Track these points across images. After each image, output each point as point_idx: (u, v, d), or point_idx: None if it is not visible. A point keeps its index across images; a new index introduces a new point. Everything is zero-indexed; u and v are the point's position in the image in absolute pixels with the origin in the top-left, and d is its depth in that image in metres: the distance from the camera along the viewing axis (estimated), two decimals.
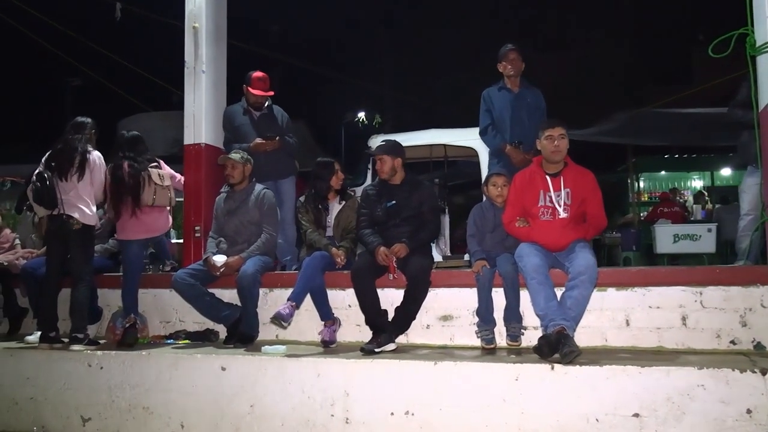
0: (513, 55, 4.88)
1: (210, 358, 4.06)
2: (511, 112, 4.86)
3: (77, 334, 4.39)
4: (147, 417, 4.13)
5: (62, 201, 4.43)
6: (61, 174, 4.48)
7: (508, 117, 4.86)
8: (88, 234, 4.51)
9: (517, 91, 4.92)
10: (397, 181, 4.36)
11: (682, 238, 9.23)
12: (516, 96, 4.91)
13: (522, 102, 4.89)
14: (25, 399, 4.45)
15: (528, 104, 4.89)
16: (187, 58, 5.26)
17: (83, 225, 4.45)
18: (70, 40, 13.26)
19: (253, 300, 4.37)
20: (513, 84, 4.92)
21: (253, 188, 4.69)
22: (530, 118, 4.83)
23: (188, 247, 5.19)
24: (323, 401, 3.76)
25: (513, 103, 4.89)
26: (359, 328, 4.46)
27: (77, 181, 4.51)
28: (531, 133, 4.75)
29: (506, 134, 4.84)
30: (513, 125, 4.84)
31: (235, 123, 5.26)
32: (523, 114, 4.85)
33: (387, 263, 4.13)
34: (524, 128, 4.80)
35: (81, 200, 4.48)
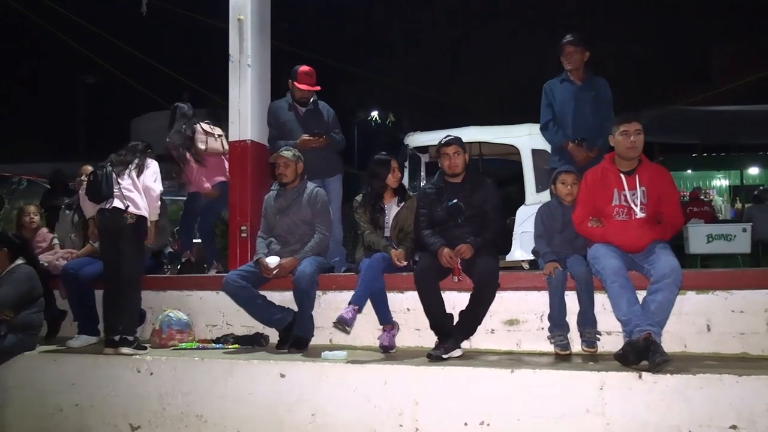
0: (569, 48, 4.66)
1: (268, 365, 3.89)
2: (574, 107, 4.64)
3: (127, 336, 4.21)
4: (201, 425, 3.95)
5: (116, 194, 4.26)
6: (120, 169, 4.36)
7: (570, 112, 4.64)
8: (141, 230, 4.34)
9: (580, 84, 4.69)
10: (458, 179, 4.17)
11: (716, 239, 9.03)
12: (579, 88, 4.68)
13: (585, 95, 4.66)
14: (69, 405, 4.28)
15: (592, 97, 4.65)
16: (231, 52, 5.07)
17: (136, 219, 4.28)
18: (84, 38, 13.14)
19: (310, 302, 4.19)
20: (575, 76, 4.70)
21: (305, 186, 4.50)
22: (594, 112, 4.61)
23: (234, 248, 5.01)
24: (390, 410, 3.58)
25: (576, 96, 4.66)
26: (419, 332, 4.28)
27: (136, 176, 4.39)
28: (594, 129, 4.59)
29: (568, 130, 4.63)
30: (575, 120, 4.63)
31: (280, 119, 5.08)
32: (586, 108, 4.63)
33: (451, 265, 3.94)
34: (587, 123, 4.58)
35: (135, 194, 4.31)
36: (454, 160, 4.11)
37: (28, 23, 13.04)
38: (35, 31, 13.92)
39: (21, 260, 4.52)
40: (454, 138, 4.16)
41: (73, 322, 4.91)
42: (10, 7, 11.58)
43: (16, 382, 4.43)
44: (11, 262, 4.50)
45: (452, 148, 4.11)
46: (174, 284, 4.91)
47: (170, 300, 4.86)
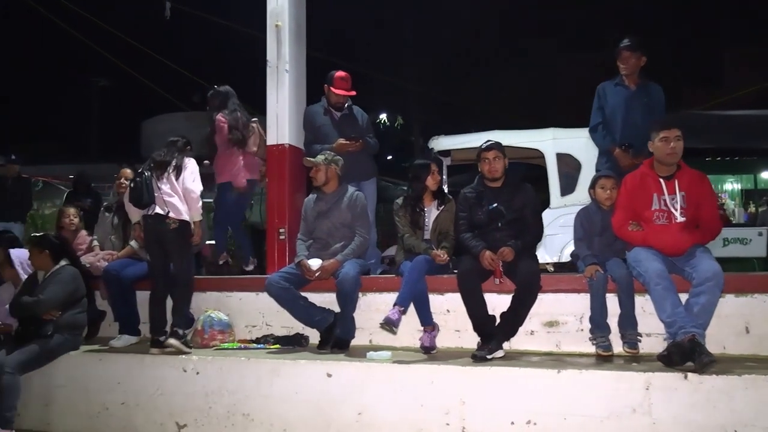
0: (626, 53, 4.70)
1: (315, 364, 3.97)
2: (624, 112, 4.68)
3: (177, 329, 4.30)
4: (247, 424, 4.03)
5: (158, 199, 4.33)
6: (159, 172, 4.40)
7: (620, 117, 4.69)
8: (186, 232, 4.42)
9: (634, 89, 4.73)
10: (498, 184, 4.26)
11: (731, 242, 9.07)
12: (632, 94, 4.71)
13: (638, 101, 4.70)
14: (115, 404, 4.36)
15: (644, 104, 4.68)
16: (269, 57, 5.16)
17: (179, 223, 4.35)
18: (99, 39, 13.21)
19: (353, 304, 4.27)
20: (630, 81, 4.74)
21: (345, 190, 4.59)
22: (645, 118, 4.58)
23: (272, 250, 5.09)
24: (437, 410, 3.66)
25: (627, 102, 4.70)
26: (459, 333, 4.36)
27: (175, 179, 4.43)
28: (644, 135, 4.64)
29: (616, 135, 4.68)
30: (624, 126, 4.67)
31: (315, 123, 5.16)
32: (637, 114, 4.66)
33: (493, 267, 4.03)
34: (637, 130, 4.55)
35: (175, 199, 4.38)
36: (494, 164, 4.19)
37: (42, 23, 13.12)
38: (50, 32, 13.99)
39: (65, 261, 4.61)
40: (494, 143, 4.25)
41: (114, 322, 4.99)
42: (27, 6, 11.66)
43: (61, 381, 4.52)
44: (55, 263, 4.58)
45: (492, 152, 4.20)
46: (214, 285, 4.99)
47: (210, 301, 4.94)
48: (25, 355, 4.29)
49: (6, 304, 4.78)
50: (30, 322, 4.40)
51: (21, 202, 8.24)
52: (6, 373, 4.17)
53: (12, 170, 8.20)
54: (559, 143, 6.82)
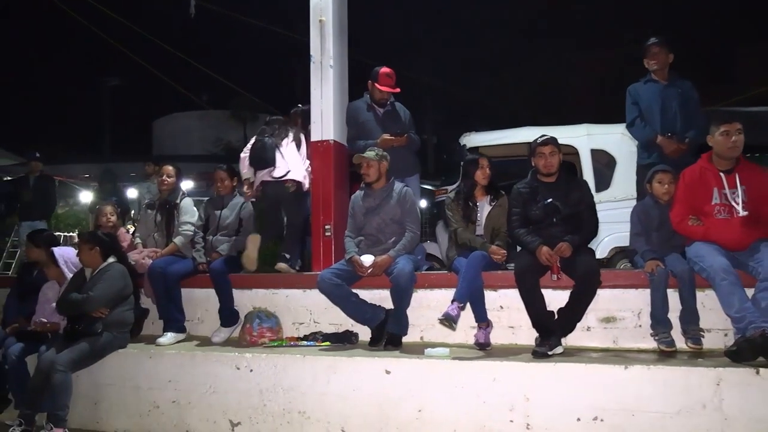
0: (655, 49, 4.75)
1: (373, 361, 3.94)
2: (661, 103, 4.71)
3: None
4: (303, 422, 4.01)
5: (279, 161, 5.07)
6: (279, 140, 5.16)
7: (658, 108, 4.71)
8: (300, 196, 5.11)
9: (665, 83, 4.77)
10: (552, 179, 4.22)
11: None
12: (665, 87, 4.76)
13: (672, 92, 4.74)
14: (166, 402, 4.33)
15: (680, 94, 4.73)
16: (313, 53, 5.12)
17: (296, 186, 5.03)
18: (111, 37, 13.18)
19: (408, 300, 4.25)
20: (660, 76, 4.78)
21: (393, 185, 4.56)
22: (681, 108, 4.68)
23: (317, 247, 5.07)
24: (500, 406, 3.63)
25: (662, 94, 4.73)
26: (513, 330, 4.33)
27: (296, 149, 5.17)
28: (682, 124, 4.67)
29: (656, 125, 4.70)
30: (663, 116, 4.70)
31: (359, 119, 5.14)
32: (673, 104, 4.70)
33: (550, 263, 3.99)
34: (675, 119, 4.65)
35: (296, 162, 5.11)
36: (549, 159, 4.16)
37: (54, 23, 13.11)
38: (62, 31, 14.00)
39: (113, 258, 4.58)
40: (549, 138, 4.21)
41: (158, 320, 4.96)
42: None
43: (110, 379, 4.49)
44: (103, 260, 4.55)
45: (548, 147, 4.16)
46: (260, 282, 4.95)
47: (256, 298, 4.91)
48: (75, 353, 4.25)
49: (51, 302, 4.77)
50: (79, 320, 4.37)
51: (45, 201, 8.20)
52: (58, 371, 4.14)
53: (35, 168, 8.17)
54: (594, 139, 6.80)
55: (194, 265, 4.87)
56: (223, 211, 5.05)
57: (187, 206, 5.16)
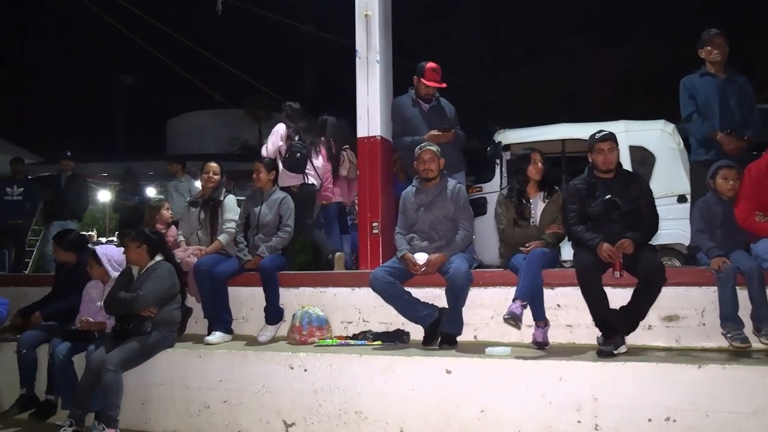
0: (719, 39, 4.64)
1: (432, 360, 3.86)
2: (719, 99, 4.60)
3: None
4: (360, 422, 3.93)
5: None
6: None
7: (717, 103, 4.59)
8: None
9: (723, 77, 4.66)
10: (610, 175, 4.14)
11: None
12: (723, 81, 4.65)
13: (731, 87, 4.63)
14: (217, 402, 4.27)
15: (737, 90, 4.63)
16: (358, 48, 5.06)
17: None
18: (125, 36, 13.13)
19: (464, 299, 4.17)
20: (717, 69, 4.67)
21: (447, 182, 4.48)
22: (739, 104, 4.58)
23: (365, 244, 5.00)
24: (567, 406, 3.55)
25: (720, 89, 4.61)
26: (570, 329, 4.26)
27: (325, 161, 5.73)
28: (741, 120, 4.57)
29: (714, 121, 4.58)
30: (722, 112, 4.58)
31: (405, 115, 5.07)
32: (731, 100, 4.59)
33: (612, 260, 3.91)
34: (733, 115, 4.55)
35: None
36: (608, 156, 4.08)
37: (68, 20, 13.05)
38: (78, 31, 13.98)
39: (160, 257, 4.52)
40: (608, 133, 4.13)
41: (203, 319, 4.90)
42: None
43: (158, 379, 4.43)
44: (151, 258, 4.49)
45: (607, 144, 4.08)
46: (307, 281, 4.89)
47: (302, 297, 4.84)
48: (125, 353, 4.19)
49: (95, 301, 4.71)
50: (129, 319, 4.31)
51: (77, 200, 8.14)
52: (109, 371, 4.08)
53: (66, 167, 8.13)
54: (632, 135, 6.72)
55: (240, 264, 4.79)
56: (262, 207, 4.97)
57: (230, 204, 5.10)
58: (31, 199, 8.30)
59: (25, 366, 4.73)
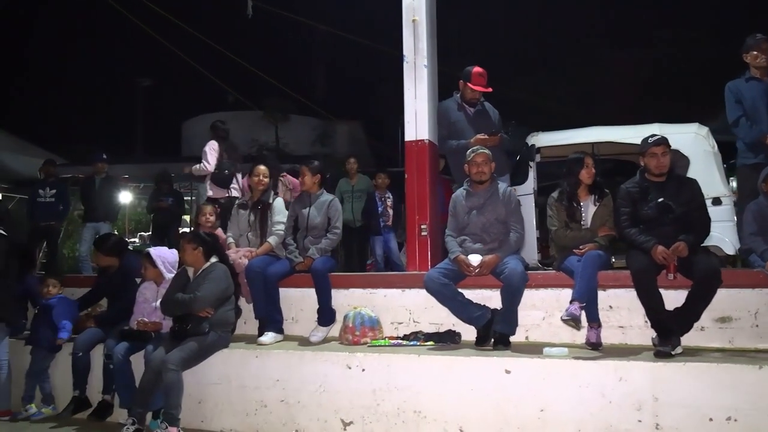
0: (766, 45, 4.72)
1: (491, 360, 3.93)
2: (767, 102, 4.68)
3: None
4: (419, 421, 4.00)
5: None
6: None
7: (764, 107, 4.68)
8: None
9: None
10: (662, 179, 4.21)
11: None
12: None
13: None
14: (274, 401, 4.34)
15: None
16: (406, 52, 5.14)
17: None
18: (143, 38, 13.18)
19: (518, 300, 4.24)
20: (763, 74, 4.75)
21: (497, 185, 4.56)
22: None
23: (413, 247, 5.07)
24: (628, 406, 3.62)
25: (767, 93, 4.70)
26: (622, 330, 4.33)
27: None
28: None
29: (762, 125, 4.66)
30: None
31: (450, 119, 5.15)
32: None
33: (667, 263, 3.97)
34: None
35: None
36: (662, 159, 4.15)
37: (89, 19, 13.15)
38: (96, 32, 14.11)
39: (215, 258, 4.60)
40: (661, 137, 4.20)
41: (255, 319, 4.98)
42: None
43: (214, 379, 4.50)
44: (206, 260, 4.57)
45: (661, 148, 4.15)
46: (357, 282, 4.97)
47: (352, 298, 4.92)
48: (185, 353, 4.27)
49: (150, 302, 4.79)
50: (187, 320, 4.39)
51: (110, 202, 8.23)
52: (170, 371, 4.16)
53: (101, 169, 8.21)
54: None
55: (291, 265, 4.87)
56: (310, 210, 5.05)
57: (279, 206, 5.17)
58: (63, 201, 8.39)
59: (79, 368, 4.81)
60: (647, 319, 4.14)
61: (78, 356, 4.80)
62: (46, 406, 4.86)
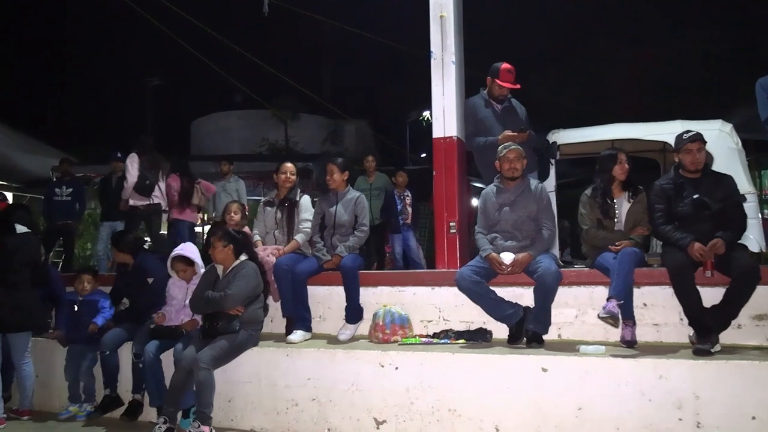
0: None
1: (527, 359, 3.90)
2: None
3: None
4: (454, 420, 3.97)
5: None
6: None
7: None
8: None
9: None
10: (697, 175, 4.17)
11: None
12: None
13: None
14: (305, 400, 4.32)
15: None
16: (433, 49, 5.10)
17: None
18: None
19: (552, 298, 4.21)
20: None
21: (528, 182, 4.52)
22: None
23: (441, 244, 5.03)
24: (667, 404, 3.58)
25: None
26: (657, 328, 4.30)
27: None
28: None
29: None
30: None
31: (478, 116, 5.11)
32: None
33: (704, 260, 3.94)
34: None
35: None
36: (698, 156, 4.11)
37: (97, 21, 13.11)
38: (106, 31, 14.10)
39: (244, 256, 4.57)
40: (697, 134, 4.16)
41: (282, 317, 4.95)
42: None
43: (244, 377, 4.48)
44: (236, 258, 4.54)
45: (697, 144, 4.11)
46: (386, 280, 4.94)
47: (381, 296, 4.89)
48: (216, 351, 4.25)
49: (178, 299, 4.77)
50: (217, 318, 4.36)
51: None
52: (202, 369, 4.14)
53: (117, 168, 8.17)
54: None
55: (319, 263, 4.84)
56: (337, 207, 5.02)
57: (306, 204, 5.15)
58: (80, 199, 8.37)
59: (108, 367, 4.80)
60: (682, 317, 4.12)
61: (105, 355, 4.79)
62: (90, 404, 4.86)
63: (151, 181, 6.76)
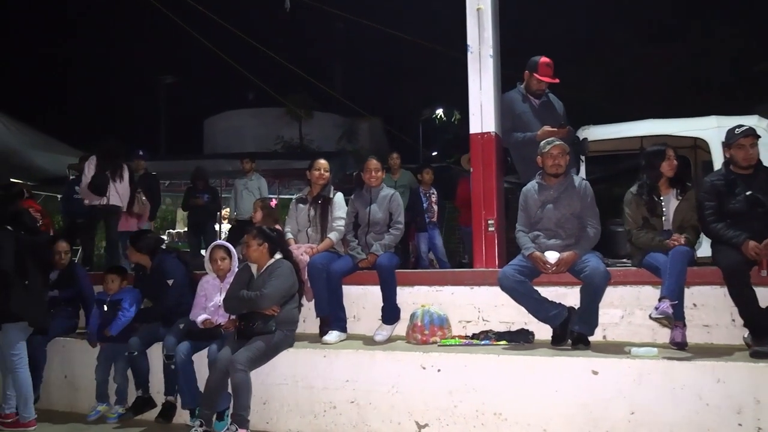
0: None
1: (577, 361, 3.77)
2: None
3: None
4: (500, 423, 3.85)
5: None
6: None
7: None
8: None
9: None
10: (749, 171, 4.03)
11: None
12: None
13: None
14: (343, 402, 4.21)
15: None
16: (470, 42, 4.97)
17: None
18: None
19: (600, 298, 4.08)
20: None
21: (572, 178, 4.39)
22: None
23: (479, 243, 4.90)
24: (726, 409, 3.44)
25: None
26: (707, 329, 4.17)
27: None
28: None
29: None
30: None
31: (515, 111, 4.98)
32: None
33: (759, 258, 3.80)
34: None
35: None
36: (750, 151, 3.97)
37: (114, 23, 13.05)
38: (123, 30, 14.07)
39: (279, 255, 4.47)
40: (749, 128, 4.02)
41: (315, 318, 4.84)
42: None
43: (280, 379, 4.38)
44: (270, 256, 4.44)
45: (750, 139, 3.97)
46: (424, 279, 4.83)
47: (418, 295, 4.77)
48: (252, 352, 4.14)
49: (210, 298, 4.66)
50: (252, 318, 4.26)
51: (150, 199, 8.11)
52: (238, 371, 4.03)
53: (139, 166, 8.10)
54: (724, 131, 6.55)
55: (353, 262, 4.73)
56: (371, 206, 4.90)
57: (339, 201, 5.04)
58: None
59: (138, 368, 4.70)
60: (734, 318, 3.99)
61: (134, 356, 4.68)
62: (121, 406, 4.76)
63: (103, 182, 6.74)
